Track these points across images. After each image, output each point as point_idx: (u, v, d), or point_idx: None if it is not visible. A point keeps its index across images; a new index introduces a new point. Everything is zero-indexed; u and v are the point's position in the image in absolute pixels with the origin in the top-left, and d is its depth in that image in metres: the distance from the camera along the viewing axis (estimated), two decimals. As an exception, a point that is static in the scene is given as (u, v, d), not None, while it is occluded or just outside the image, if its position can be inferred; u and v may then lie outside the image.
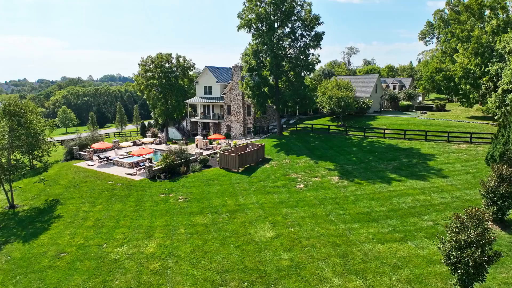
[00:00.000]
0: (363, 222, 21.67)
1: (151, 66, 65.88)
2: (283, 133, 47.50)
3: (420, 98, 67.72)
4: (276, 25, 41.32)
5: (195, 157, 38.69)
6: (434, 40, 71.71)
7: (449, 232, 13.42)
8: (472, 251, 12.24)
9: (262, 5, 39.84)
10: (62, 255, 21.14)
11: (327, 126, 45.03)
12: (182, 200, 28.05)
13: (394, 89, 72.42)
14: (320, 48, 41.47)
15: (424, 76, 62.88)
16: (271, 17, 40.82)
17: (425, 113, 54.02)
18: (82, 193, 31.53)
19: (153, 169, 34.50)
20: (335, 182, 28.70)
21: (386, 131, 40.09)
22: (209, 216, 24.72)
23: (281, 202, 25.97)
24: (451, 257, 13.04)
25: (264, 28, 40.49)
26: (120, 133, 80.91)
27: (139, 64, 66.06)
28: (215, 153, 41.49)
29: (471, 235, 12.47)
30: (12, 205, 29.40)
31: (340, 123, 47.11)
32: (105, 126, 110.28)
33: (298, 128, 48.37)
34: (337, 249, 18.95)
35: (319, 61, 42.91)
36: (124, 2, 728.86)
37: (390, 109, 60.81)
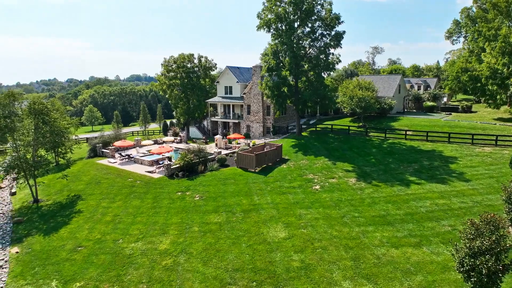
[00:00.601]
0: (378, 225, 21.18)
1: (173, 66, 67.10)
2: (303, 133, 47.14)
3: (445, 99, 65.53)
4: (295, 24, 41.06)
5: (213, 156, 39.01)
6: (461, 39, 69.18)
7: (463, 238, 12.90)
8: (486, 259, 11.72)
9: (281, 5, 39.68)
10: (79, 248, 21.85)
11: (347, 127, 44.33)
12: (198, 198, 28.35)
13: (418, 89, 70.42)
14: (341, 47, 40.90)
15: (450, 77, 60.70)
16: (291, 16, 40.60)
17: (450, 114, 52.18)
18: (102, 189, 32.46)
19: (172, 167, 35.02)
20: (352, 184, 28.21)
21: (407, 132, 39.03)
22: (223, 215, 24.87)
23: (296, 203, 25.79)
24: (465, 265, 12.53)
25: (283, 28, 40.33)
26: (144, 132, 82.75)
27: (162, 64, 67.47)
28: (234, 152, 41.69)
29: (486, 242, 11.94)
30: (36, 199, 30.66)
31: (361, 123, 46.26)
32: (130, 124, 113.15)
33: (317, 129, 47.88)
34: (349, 252, 18.61)
35: (340, 61, 42.33)
36: (149, 4, 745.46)
37: (414, 110, 59.15)
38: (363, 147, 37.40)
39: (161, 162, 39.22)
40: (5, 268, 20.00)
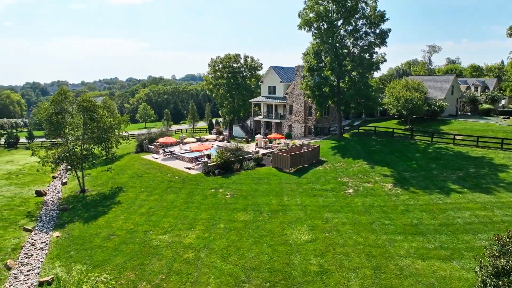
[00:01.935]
0: (407, 235, 19.92)
1: (219, 66, 68.67)
2: (344, 135, 45.72)
3: (504, 102, 59.37)
4: (337, 23, 39.91)
5: (250, 155, 39.27)
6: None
7: (487, 255, 11.70)
8: (509, 280, 10.49)
9: (323, 3, 38.78)
10: (112, 237, 23.25)
11: (391, 130, 42.16)
12: (229, 196, 28.74)
13: (475, 91, 64.70)
14: (386, 46, 38.94)
15: (511, 77, 54.96)
16: (334, 15, 39.53)
17: (508, 118, 47.22)
18: (143, 183, 34.20)
19: (209, 164, 35.84)
20: (387, 190, 26.81)
21: (457, 137, 36.09)
22: (250, 214, 24.97)
23: (325, 206, 25.12)
24: (487, 284, 11.34)
25: (324, 26, 39.39)
26: (192, 130, 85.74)
27: (209, 64, 69.37)
28: (272, 152, 41.64)
29: (511, 261, 10.70)
30: (82, 189, 33.16)
31: (407, 126, 43.74)
32: (181, 122, 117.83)
33: (360, 131, 46.15)
34: (371, 261, 17.73)
35: (385, 60, 40.33)
36: (204, 6, 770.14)
37: (468, 113, 54.51)
38: (406, 151, 35.34)
39: (200, 159, 40.34)
40: (45, 250, 21.94)
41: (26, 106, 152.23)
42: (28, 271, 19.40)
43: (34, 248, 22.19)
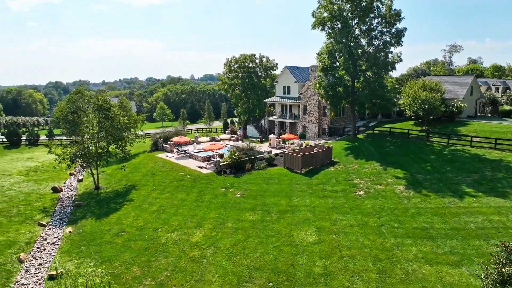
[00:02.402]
0: (416, 239, 19.45)
1: (235, 66, 68.94)
2: (358, 136, 45.06)
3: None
4: (352, 22, 39.35)
5: (262, 155, 39.23)
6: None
7: (493, 262, 11.29)
8: (514, 287, 10.10)
9: (337, 2, 38.31)
10: (122, 233, 23.70)
11: (406, 131, 41.24)
12: (239, 195, 28.80)
13: (496, 91, 62.40)
14: (401, 45, 38.10)
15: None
16: (349, 14, 39.00)
17: (530, 119, 45.38)
18: (155, 181, 34.71)
19: (220, 164, 35.99)
20: (399, 192, 26.25)
21: (474, 139, 34.93)
22: (259, 214, 24.95)
23: (334, 208, 24.83)
24: (492, 291, 10.95)
25: (338, 26, 38.91)
26: (207, 129, 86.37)
27: (224, 64, 69.73)
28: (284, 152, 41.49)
29: (517, 268, 10.29)
30: (97, 186, 33.93)
31: (423, 127, 42.69)
32: (197, 122, 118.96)
33: (375, 131, 45.37)
34: (377, 264, 17.40)
35: (401, 60, 39.47)
36: (223, 6, 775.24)
37: (488, 114, 52.63)
38: (420, 152, 34.51)
39: (212, 159, 40.60)
40: (57, 244, 22.60)
41: (48, 105, 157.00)
42: (39, 264, 20.04)
43: (47, 243, 22.91)
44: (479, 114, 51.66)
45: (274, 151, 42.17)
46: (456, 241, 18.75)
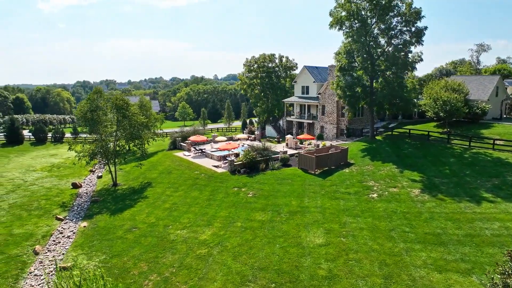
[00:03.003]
0: (427, 244, 18.84)
1: (254, 66, 69.02)
2: (377, 137, 44.11)
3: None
4: (370, 21, 38.55)
5: (278, 155, 39.11)
6: None
7: (498, 272, 10.79)
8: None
9: (356, 1, 37.61)
10: (134, 229, 24.24)
11: (426, 133, 39.99)
12: (251, 195, 28.85)
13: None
14: (422, 44, 37.00)
15: None
16: (368, 13, 38.25)
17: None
18: (171, 179, 35.28)
19: (235, 163, 36.15)
20: (413, 196, 25.51)
21: (496, 141, 33.42)
22: (269, 214, 24.90)
23: (345, 210, 24.43)
24: (496, 302, 10.46)
25: (356, 25, 38.20)
26: (227, 129, 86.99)
27: (243, 64, 69.93)
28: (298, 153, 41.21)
29: (521, 278, 9.78)
30: (115, 183, 34.85)
31: (445, 129, 41.26)
32: (218, 121, 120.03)
33: (394, 133, 44.26)
34: (384, 269, 16.98)
35: (421, 60, 38.35)
36: (248, 6, 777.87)
37: (515, 116, 50.34)
38: (440, 155, 33.38)
39: (228, 158, 40.86)
40: (71, 238, 23.39)
41: (75, 104, 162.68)
42: (53, 256, 20.80)
43: (62, 236, 23.76)
44: (504, 116, 49.37)
45: (291, 152, 41.95)
46: (469, 248, 18.02)
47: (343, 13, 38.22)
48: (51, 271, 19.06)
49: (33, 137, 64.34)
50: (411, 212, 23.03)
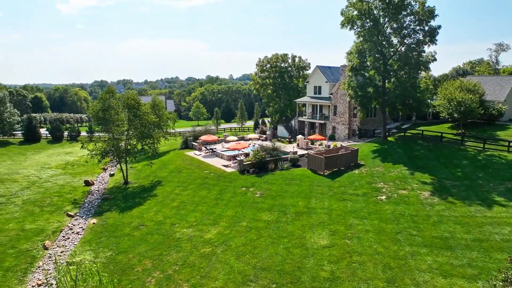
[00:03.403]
0: (433, 248, 18.43)
1: (267, 66, 69.01)
2: (389, 138, 43.46)
3: None
4: (383, 20, 37.95)
5: (288, 155, 38.98)
6: None
7: (499, 279, 10.48)
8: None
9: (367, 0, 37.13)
10: (141, 227, 24.58)
11: (440, 134, 39.14)
12: (258, 195, 28.85)
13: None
14: (435, 44, 36.22)
15: None
16: (380, 12, 37.71)
17: None
18: (180, 178, 35.62)
19: (244, 163, 36.21)
20: (423, 198, 25.01)
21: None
22: (275, 214, 24.85)
23: (352, 212, 24.16)
24: (496, 309, 10.16)
25: (368, 24, 37.68)
26: (240, 128, 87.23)
27: (256, 64, 69.99)
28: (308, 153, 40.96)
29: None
30: (126, 181, 35.42)
31: (459, 131, 40.30)
32: (232, 121, 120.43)
33: (407, 134, 43.49)
34: (387, 273, 16.71)
35: (435, 59, 37.54)
36: (263, 6, 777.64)
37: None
38: (452, 157, 32.61)
39: (237, 158, 40.95)
40: (80, 234, 23.91)
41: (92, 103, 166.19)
42: (61, 252, 21.32)
43: (72, 232, 24.32)
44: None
45: (301, 152, 41.74)
46: (477, 253, 17.55)
47: (355, 12, 37.77)
48: (54, 267, 19.53)
49: (49, 135, 66.06)
50: (419, 215, 22.58)
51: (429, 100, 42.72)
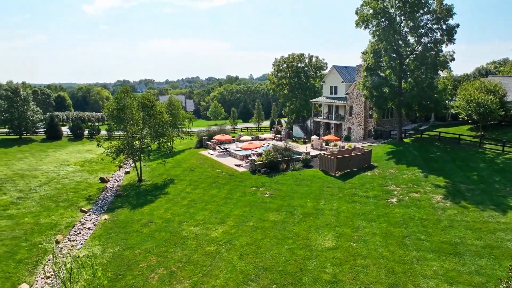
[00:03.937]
0: (441, 254, 17.91)
1: (283, 66, 68.82)
2: (405, 139, 42.53)
3: None
4: (399, 19, 37.13)
5: (300, 156, 38.77)
6: None
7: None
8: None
9: (383, -2, 36.45)
10: (150, 224, 25.04)
11: (458, 136, 37.95)
12: (267, 195, 28.83)
13: None
14: (453, 43, 35.18)
15: None
16: (396, 11, 36.93)
17: None
18: (192, 177, 36.04)
19: (255, 163, 36.25)
20: (435, 202, 24.35)
21: (534, 147, 31.16)
22: (282, 215, 24.78)
23: (360, 214, 23.79)
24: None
25: (384, 23, 36.96)
26: (256, 128, 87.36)
27: (272, 64, 69.94)
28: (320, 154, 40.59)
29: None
30: (140, 179, 36.15)
31: (479, 133, 38.96)
32: (249, 120, 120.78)
33: (423, 136, 42.42)
34: (390, 277, 16.36)
35: (453, 59, 36.45)
36: (283, 6, 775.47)
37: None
38: (469, 160, 31.58)
39: (250, 158, 41.03)
40: (91, 230, 24.59)
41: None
42: (72, 246, 22.00)
43: (83, 227, 25.04)
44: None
45: (315, 152, 41.41)
46: (487, 260, 16.93)
47: (370, 11, 37.15)
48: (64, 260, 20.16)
49: (71, 133, 68.20)
50: (430, 219, 21.99)
51: (447, 101, 41.49)
